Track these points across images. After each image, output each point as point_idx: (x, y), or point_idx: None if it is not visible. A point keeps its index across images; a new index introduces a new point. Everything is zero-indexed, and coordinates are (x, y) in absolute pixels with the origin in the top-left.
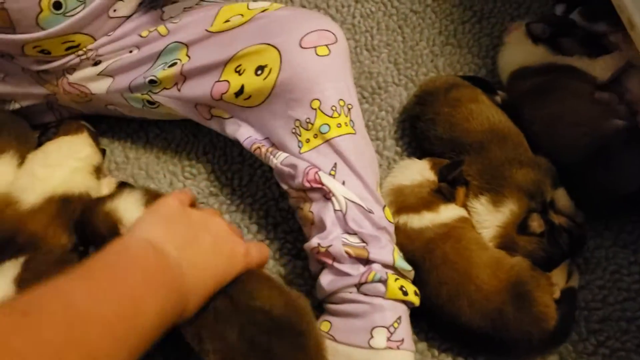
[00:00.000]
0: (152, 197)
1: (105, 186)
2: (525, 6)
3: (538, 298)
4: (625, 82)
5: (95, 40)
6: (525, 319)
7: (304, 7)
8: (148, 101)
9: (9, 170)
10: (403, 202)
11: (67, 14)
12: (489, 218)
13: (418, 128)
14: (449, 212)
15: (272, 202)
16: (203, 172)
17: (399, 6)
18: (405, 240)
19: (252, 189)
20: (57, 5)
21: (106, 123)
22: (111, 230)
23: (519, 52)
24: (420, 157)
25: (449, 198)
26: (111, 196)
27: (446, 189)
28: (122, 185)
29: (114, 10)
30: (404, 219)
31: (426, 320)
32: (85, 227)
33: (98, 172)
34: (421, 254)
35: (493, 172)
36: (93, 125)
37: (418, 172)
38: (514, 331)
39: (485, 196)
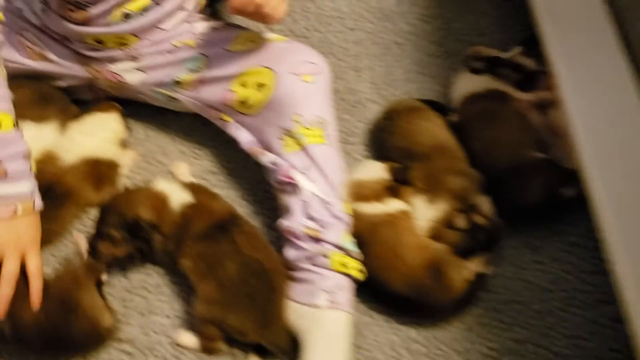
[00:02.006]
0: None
1: (127, 157)
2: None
3: (449, 274)
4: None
5: (140, 40)
6: (438, 289)
7: (307, 30)
8: (170, 97)
9: (53, 134)
10: (361, 192)
11: (128, 21)
12: (425, 213)
13: (382, 138)
14: (394, 205)
15: (259, 185)
16: (207, 154)
17: (385, 37)
18: (357, 221)
19: (244, 173)
20: (127, 16)
21: (133, 106)
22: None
23: (468, 81)
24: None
25: (397, 194)
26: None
27: (395, 187)
28: None
29: (161, 23)
30: (358, 205)
31: (368, 288)
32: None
33: (123, 144)
34: (366, 233)
35: (433, 178)
36: (122, 106)
37: (376, 171)
38: (429, 297)
39: (425, 196)
